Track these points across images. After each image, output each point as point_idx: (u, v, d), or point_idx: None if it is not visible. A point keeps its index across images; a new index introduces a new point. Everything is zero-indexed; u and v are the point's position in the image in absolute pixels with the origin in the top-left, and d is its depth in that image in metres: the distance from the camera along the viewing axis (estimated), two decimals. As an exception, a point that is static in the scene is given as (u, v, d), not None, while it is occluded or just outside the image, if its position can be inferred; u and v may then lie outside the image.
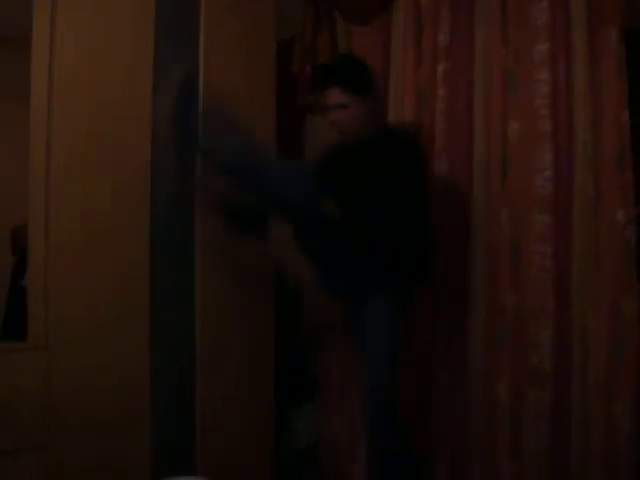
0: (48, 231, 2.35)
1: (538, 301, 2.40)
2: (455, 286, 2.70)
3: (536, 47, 2.42)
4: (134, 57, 2.57)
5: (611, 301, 2.26)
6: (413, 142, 2.49)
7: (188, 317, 2.72)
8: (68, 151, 2.39)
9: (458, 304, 2.68)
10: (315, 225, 2.33)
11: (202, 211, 2.66)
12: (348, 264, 2.36)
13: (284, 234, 2.34)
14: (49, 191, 2.35)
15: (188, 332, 2.72)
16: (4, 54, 2.51)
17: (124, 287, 2.53)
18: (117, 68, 2.52)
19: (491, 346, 2.55)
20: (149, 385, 2.59)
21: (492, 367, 2.54)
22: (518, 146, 2.47)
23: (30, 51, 2.31)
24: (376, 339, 2.39)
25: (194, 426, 2.72)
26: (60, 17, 2.36)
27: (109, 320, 2.48)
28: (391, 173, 2.32)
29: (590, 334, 2.31)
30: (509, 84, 2.50)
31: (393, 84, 2.96)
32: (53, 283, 2.36)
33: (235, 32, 2.84)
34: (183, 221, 2.73)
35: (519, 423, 2.44)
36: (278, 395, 3.00)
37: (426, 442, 2.77)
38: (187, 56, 2.70)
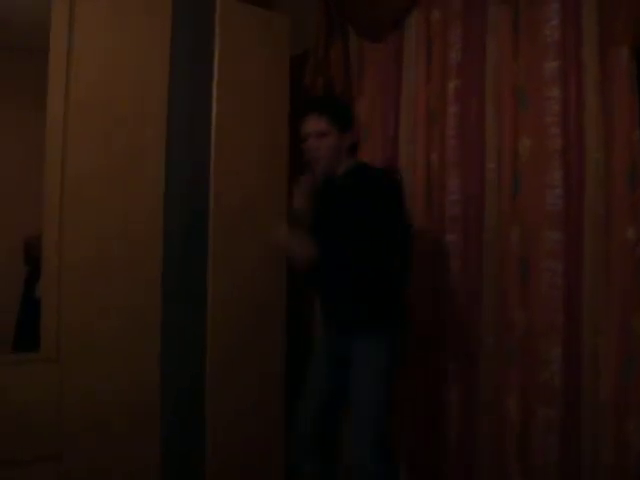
0: (62, 242, 2.37)
1: (548, 318, 2.40)
2: (466, 301, 2.71)
3: (547, 64, 2.44)
4: (150, 73, 2.59)
5: (621, 318, 2.26)
6: (389, 179, 2.46)
7: (199, 329, 2.73)
8: (83, 164, 2.42)
9: (469, 320, 2.69)
10: None
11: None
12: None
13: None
14: (63, 203, 2.37)
15: (198, 345, 2.73)
16: (25, 63, 2.55)
17: (136, 298, 2.55)
18: (133, 83, 2.55)
19: (501, 362, 2.56)
20: (160, 396, 2.60)
21: (502, 383, 2.54)
22: (529, 163, 2.48)
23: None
24: (365, 393, 2.38)
25: (204, 438, 2.73)
26: (77, 32, 2.39)
27: (121, 331, 2.50)
28: (367, 206, 2.33)
29: (600, 351, 2.30)
30: (520, 101, 2.52)
31: (405, 100, 2.98)
32: (66, 294, 2.38)
33: (250, 46, 2.86)
34: (197, 233, 2.74)
35: (528, 439, 2.45)
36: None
37: (436, 458, 2.78)
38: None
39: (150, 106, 2.60)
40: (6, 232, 2.64)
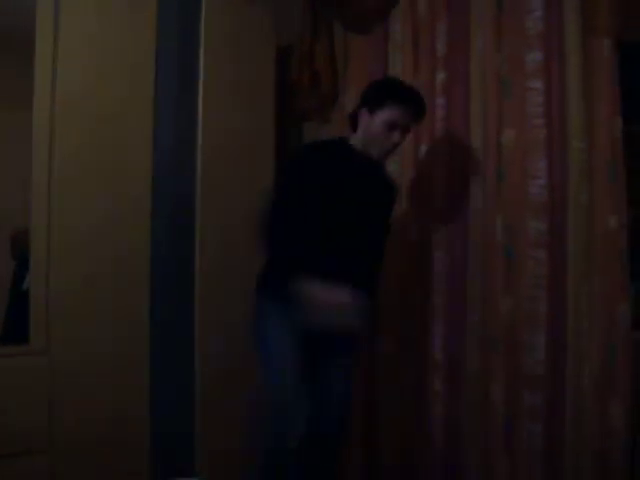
0: (50, 236, 2.38)
1: (532, 306, 2.42)
2: (453, 288, 2.74)
3: (530, 56, 2.45)
4: (136, 71, 2.61)
5: (605, 306, 2.30)
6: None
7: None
8: (70, 159, 2.42)
9: (455, 307, 2.72)
10: None
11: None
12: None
13: None
14: (51, 197, 2.38)
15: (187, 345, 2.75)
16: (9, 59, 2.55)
17: (126, 288, 2.56)
18: (119, 82, 2.55)
19: (485, 349, 2.58)
20: (148, 388, 2.61)
21: (487, 369, 2.56)
22: (513, 154, 2.50)
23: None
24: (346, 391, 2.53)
25: (194, 421, 2.76)
26: (63, 32, 2.40)
27: (110, 322, 2.50)
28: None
29: (584, 338, 2.33)
30: (504, 92, 2.53)
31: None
32: (55, 287, 2.38)
33: (235, 39, 2.87)
34: (184, 233, 2.78)
35: (513, 425, 2.47)
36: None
37: (421, 443, 2.81)
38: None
39: (136, 104, 2.61)
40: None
